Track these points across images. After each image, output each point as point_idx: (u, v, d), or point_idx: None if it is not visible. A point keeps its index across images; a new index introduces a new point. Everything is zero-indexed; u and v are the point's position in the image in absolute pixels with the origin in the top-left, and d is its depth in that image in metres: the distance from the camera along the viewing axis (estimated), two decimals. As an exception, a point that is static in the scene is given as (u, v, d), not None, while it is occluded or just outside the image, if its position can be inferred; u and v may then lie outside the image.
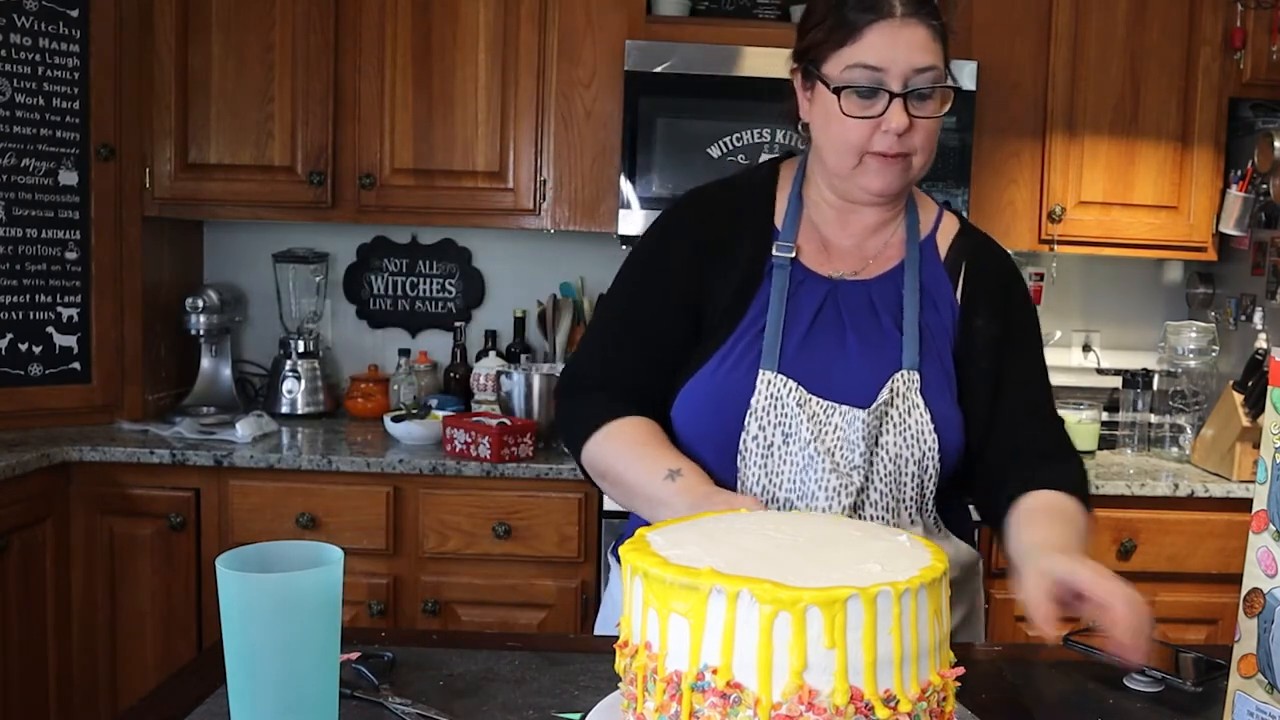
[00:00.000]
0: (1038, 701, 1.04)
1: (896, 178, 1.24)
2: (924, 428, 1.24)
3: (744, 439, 1.22)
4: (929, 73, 1.19)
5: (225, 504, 2.41)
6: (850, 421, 1.21)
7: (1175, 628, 2.43)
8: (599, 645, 1.14)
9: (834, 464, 1.21)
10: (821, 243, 1.31)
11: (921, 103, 1.20)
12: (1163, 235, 2.77)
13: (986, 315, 1.31)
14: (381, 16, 2.65)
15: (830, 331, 1.26)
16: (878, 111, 1.19)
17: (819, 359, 1.24)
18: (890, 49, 1.17)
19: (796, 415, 1.21)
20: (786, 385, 1.22)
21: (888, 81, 1.18)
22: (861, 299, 1.28)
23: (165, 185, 2.68)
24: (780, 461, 1.22)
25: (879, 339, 1.26)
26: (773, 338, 1.24)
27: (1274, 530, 0.86)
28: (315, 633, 0.82)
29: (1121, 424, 2.80)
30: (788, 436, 1.22)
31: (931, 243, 1.34)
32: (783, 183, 1.36)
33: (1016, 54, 2.71)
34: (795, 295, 1.27)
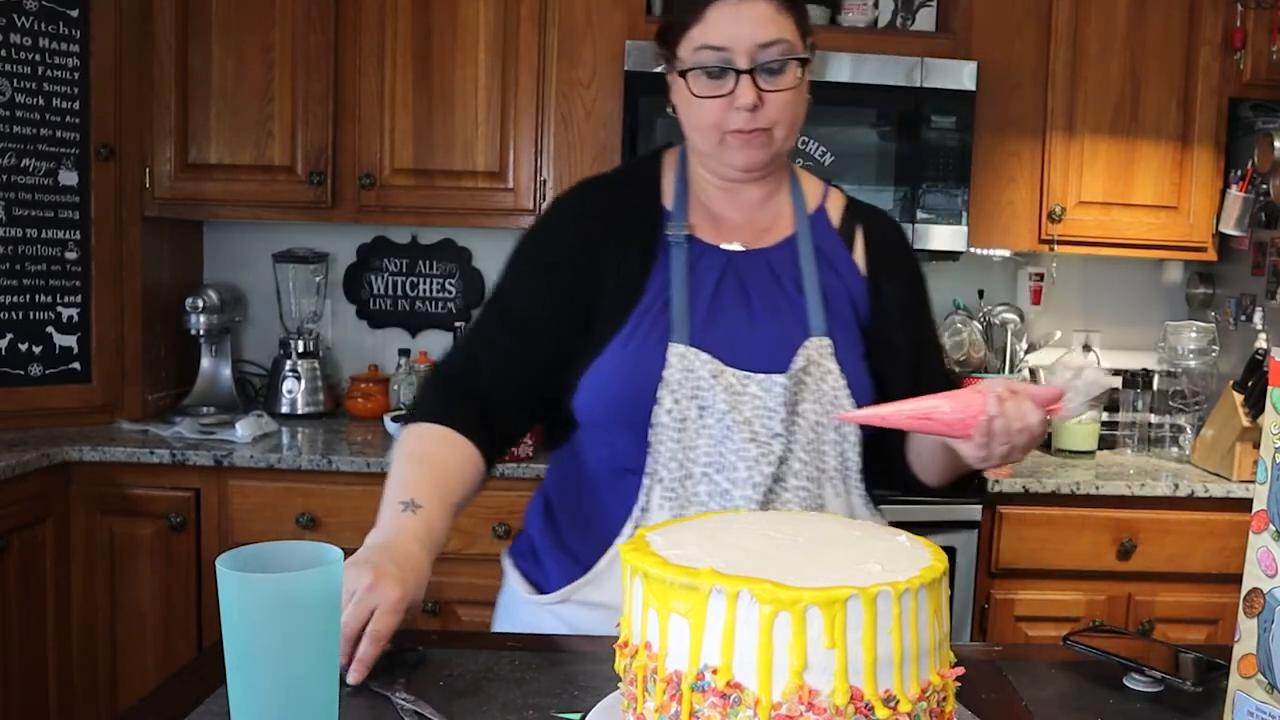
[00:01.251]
0: (1038, 701, 1.04)
1: (759, 152, 1.24)
2: (840, 393, 1.24)
3: (657, 413, 1.20)
4: (775, 46, 1.19)
5: (225, 504, 2.41)
6: (769, 389, 1.21)
7: (1175, 628, 2.44)
8: (599, 645, 1.14)
9: (752, 433, 1.20)
10: (713, 218, 1.31)
11: (773, 77, 1.20)
12: (1163, 235, 2.78)
13: (892, 280, 1.33)
14: (381, 16, 2.65)
15: (735, 301, 1.26)
16: (727, 90, 1.19)
17: (727, 329, 1.24)
18: (733, 26, 1.18)
19: (712, 386, 1.20)
20: (699, 357, 1.20)
21: (734, 59, 1.18)
22: (761, 267, 1.28)
23: (165, 185, 2.68)
24: (695, 435, 1.21)
25: (785, 305, 1.27)
26: (680, 311, 1.22)
27: (1274, 530, 0.86)
28: (315, 633, 0.82)
29: (1121, 424, 2.80)
30: (703, 409, 1.20)
31: (822, 213, 1.35)
32: (666, 168, 1.36)
33: (1016, 54, 2.71)
34: (695, 269, 1.26)
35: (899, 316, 1.31)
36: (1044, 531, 2.43)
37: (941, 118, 2.62)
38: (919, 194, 2.64)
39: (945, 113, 2.62)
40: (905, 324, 1.32)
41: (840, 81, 2.61)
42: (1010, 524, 2.42)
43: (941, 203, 2.64)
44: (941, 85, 2.61)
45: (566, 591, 1.27)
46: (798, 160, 2.62)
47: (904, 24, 2.89)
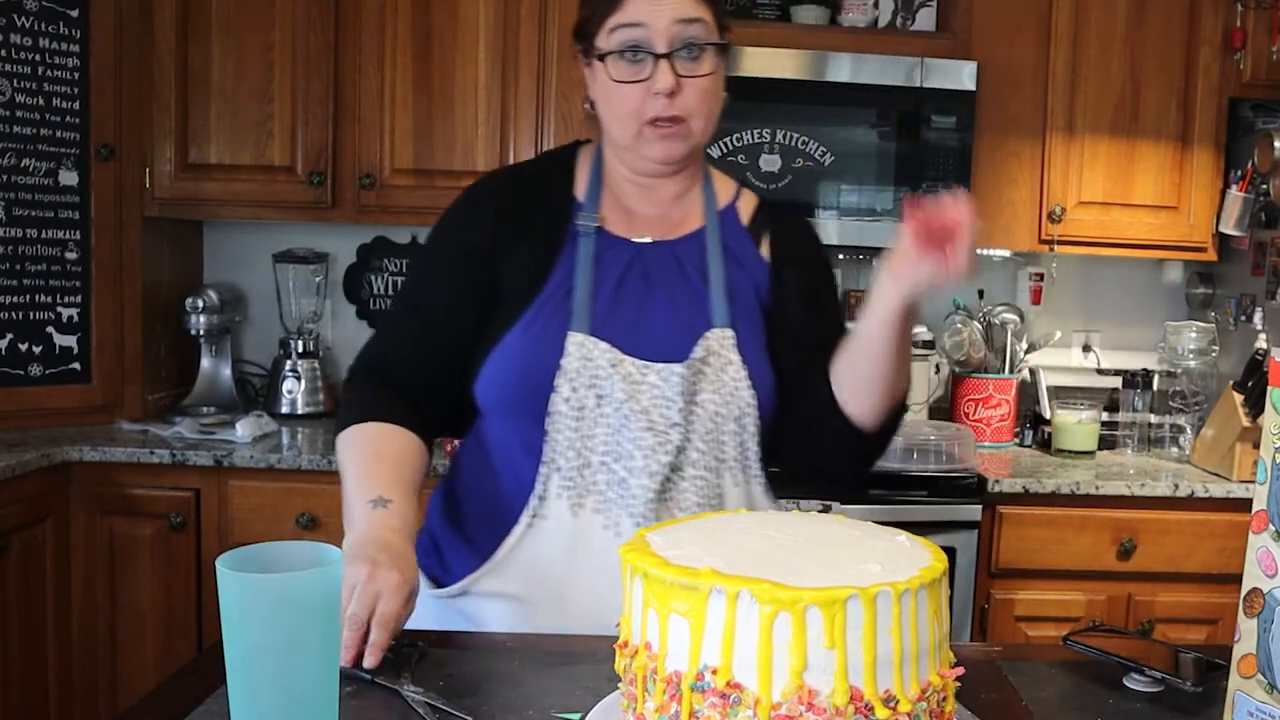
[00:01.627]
0: (1038, 701, 1.04)
1: (677, 145, 1.24)
2: (740, 384, 1.24)
3: (554, 401, 1.20)
4: (695, 25, 1.19)
5: (225, 504, 2.41)
6: (666, 378, 1.21)
7: (1175, 628, 2.44)
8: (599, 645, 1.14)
9: (650, 423, 1.20)
10: (626, 212, 1.31)
11: (691, 63, 1.20)
12: (1163, 235, 2.78)
13: (795, 268, 1.33)
14: (381, 16, 2.66)
15: (638, 292, 1.26)
16: (645, 75, 1.19)
17: (628, 319, 1.24)
18: (652, 5, 1.18)
19: (610, 375, 1.20)
20: (598, 346, 1.21)
21: (652, 40, 1.19)
22: (668, 259, 1.29)
23: (165, 185, 2.68)
24: (593, 424, 1.21)
25: (688, 297, 1.27)
26: (582, 300, 1.23)
27: (1274, 530, 0.86)
28: (315, 633, 0.82)
29: (1121, 424, 2.80)
30: (601, 398, 1.21)
31: (732, 210, 1.36)
32: (581, 161, 1.36)
33: (1016, 54, 2.71)
34: (601, 260, 1.26)
35: (799, 301, 1.32)
36: (1044, 531, 2.43)
37: (941, 118, 2.62)
38: (919, 195, 2.64)
39: (945, 113, 2.62)
40: (805, 309, 1.32)
41: (840, 81, 2.62)
42: (1010, 524, 2.42)
43: (941, 203, 2.64)
44: (941, 85, 2.61)
45: (466, 583, 1.27)
46: (797, 160, 2.63)
47: (904, 24, 2.89)
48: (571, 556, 1.22)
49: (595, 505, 1.21)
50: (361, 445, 1.24)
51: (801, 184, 2.63)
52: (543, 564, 1.23)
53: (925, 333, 2.92)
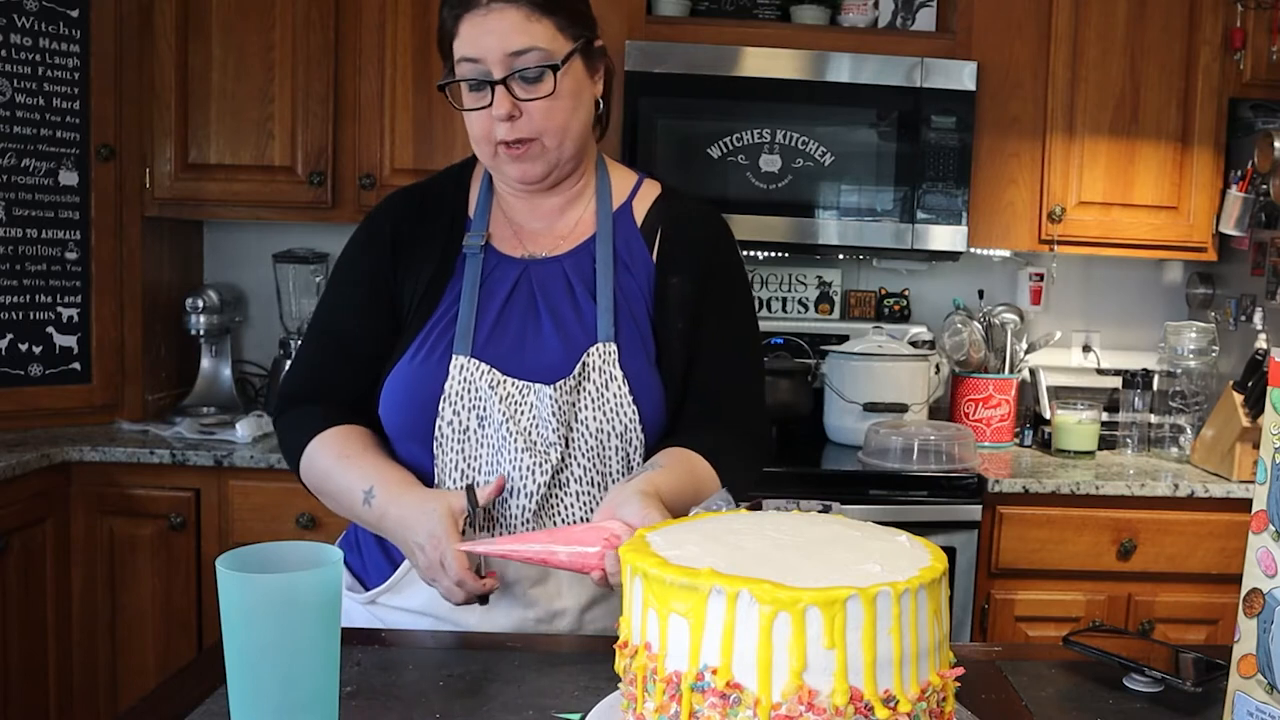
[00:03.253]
0: (1038, 701, 1.04)
1: (532, 165, 1.24)
2: (623, 400, 1.23)
3: (439, 425, 1.22)
4: (529, 54, 1.18)
5: (225, 504, 2.41)
6: (542, 399, 1.22)
7: (1175, 628, 2.44)
8: (599, 645, 1.14)
9: (529, 443, 1.21)
10: (513, 227, 1.32)
11: (530, 85, 1.19)
12: (1163, 235, 2.78)
13: (682, 274, 1.29)
14: (381, 16, 2.66)
15: (523, 311, 1.26)
16: (488, 101, 1.20)
17: (511, 340, 1.24)
18: (482, 38, 1.18)
19: (489, 397, 1.21)
20: (479, 368, 1.22)
21: (489, 70, 1.18)
22: (555, 275, 1.28)
23: (165, 185, 2.68)
24: (477, 445, 1.22)
25: (573, 314, 1.26)
26: (465, 323, 1.24)
27: (1274, 530, 0.86)
28: (315, 633, 0.82)
29: (1121, 424, 2.80)
30: (482, 419, 1.22)
31: (627, 210, 1.33)
32: (475, 177, 1.36)
33: (1016, 54, 2.71)
34: (488, 281, 1.27)
35: (683, 311, 1.28)
36: (1044, 531, 2.43)
37: (941, 118, 2.62)
38: (919, 194, 2.64)
39: (945, 113, 2.62)
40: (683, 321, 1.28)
41: (840, 81, 2.62)
42: (1010, 524, 2.42)
43: (941, 203, 2.65)
44: (941, 85, 2.61)
45: (374, 594, 1.29)
46: (797, 160, 2.63)
47: (904, 24, 2.89)
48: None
49: (482, 525, 1.23)
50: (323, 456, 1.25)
51: (801, 184, 2.63)
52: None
53: (925, 333, 2.92)
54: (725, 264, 1.33)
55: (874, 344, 2.70)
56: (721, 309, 1.31)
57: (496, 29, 1.17)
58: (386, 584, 1.28)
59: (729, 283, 1.33)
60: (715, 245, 1.34)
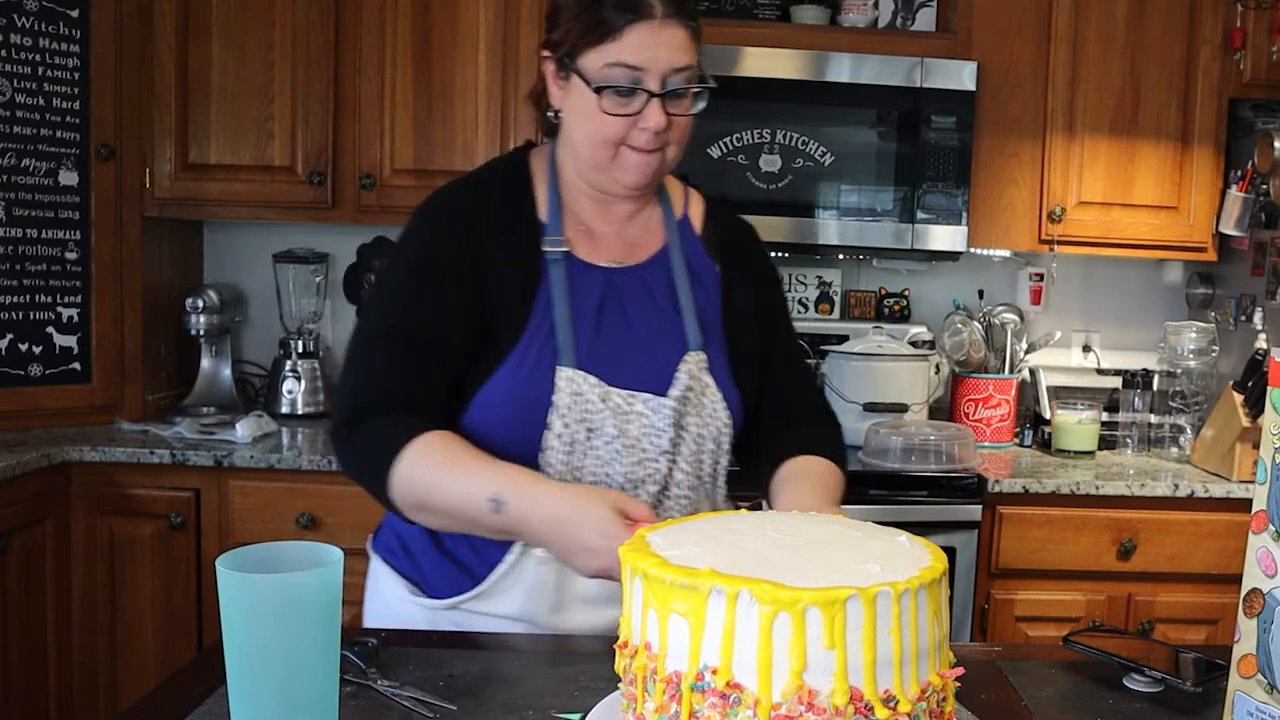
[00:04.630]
0: (1038, 701, 1.04)
1: (651, 172, 1.26)
2: (718, 406, 1.28)
3: (547, 437, 1.21)
4: (685, 72, 1.21)
5: (225, 504, 2.41)
6: (656, 409, 1.24)
7: (1175, 628, 2.44)
8: (599, 645, 1.14)
9: (640, 454, 1.23)
10: (586, 232, 1.31)
11: (677, 101, 1.22)
12: (1163, 235, 2.78)
13: (743, 286, 1.36)
14: (381, 16, 2.65)
15: (617, 322, 1.27)
16: (635, 109, 1.21)
17: (612, 350, 1.25)
18: (651, 49, 1.19)
19: (600, 410, 1.22)
20: (587, 380, 1.22)
21: (646, 81, 1.20)
22: (637, 285, 1.30)
23: (165, 185, 2.68)
24: (584, 456, 1.22)
25: (662, 324, 1.29)
26: (565, 334, 1.23)
27: (1274, 530, 0.86)
28: (315, 633, 0.82)
29: (1121, 424, 2.80)
30: (591, 431, 1.22)
31: (686, 220, 1.37)
32: (537, 172, 1.33)
33: (1016, 54, 2.71)
34: (574, 289, 1.26)
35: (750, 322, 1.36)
36: (1044, 531, 2.43)
37: (941, 118, 2.62)
38: (919, 194, 2.64)
39: (945, 113, 2.62)
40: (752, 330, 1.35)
41: (840, 81, 2.62)
42: (1010, 524, 2.42)
43: (941, 203, 2.64)
44: (941, 85, 2.61)
45: (456, 601, 1.26)
46: (797, 160, 2.63)
47: (904, 24, 2.89)
48: (560, 584, 1.23)
49: None
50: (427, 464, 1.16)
51: (801, 184, 2.63)
52: (534, 592, 1.23)
53: (925, 333, 2.92)
54: (770, 270, 1.44)
55: (874, 344, 2.70)
56: (779, 315, 1.42)
57: (667, 43, 1.19)
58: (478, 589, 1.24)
59: (780, 290, 1.45)
60: (764, 255, 1.44)
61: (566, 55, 1.23)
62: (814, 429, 1.36)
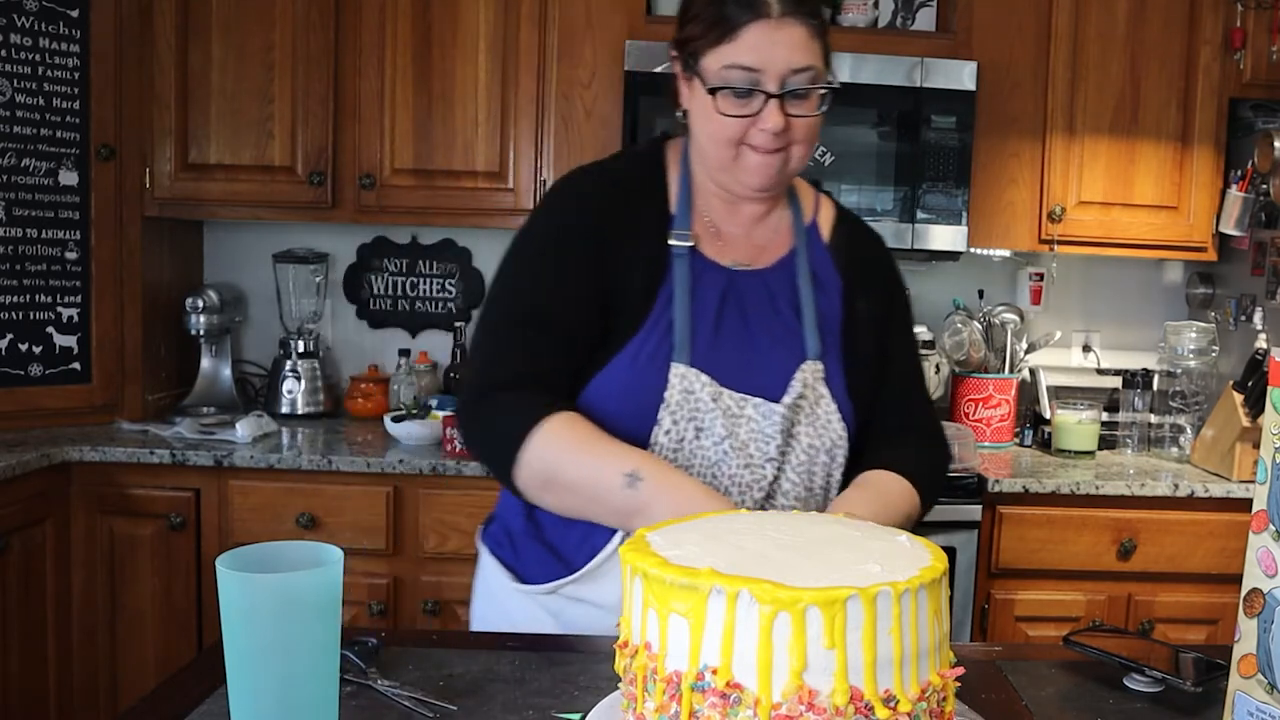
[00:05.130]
0: (1038, 701, 1.04)
1: (774, 173, 1.23)
2: (832, 417, 1.26)
3: (656, 433, 1.20)
4: (806, 73, 1.18)
5: (225, 504, 2.41)
6: (766, 415, 1.22)
7: (1175, 628, 2.44)
8: (599, 645, 1.14)
9: (748, 458, 1.21)
10: (714, 230, 1.30)
11: (799, 101, 1.19)
12: (1163, 235, 2.78)
13: (867, 297, 1.33)
14: (381, 16, 2.66)
15: (736, 323, 1.26)
16: (753, 110, 1.18)
17: (729, 352, 1.24)
18: (768, 49, 1.16)
19: (710, 410, 1.20)
20: (700, 379, 1.20)
21: (764, 82, 1.17)
22: (760, 289, 1.28)
23: (165, 185, 2.68)
24: (690, 456, 1.21)
25: (782, 330, 1.27)
26: (683, 330, 1.22)
27: (1274, 530, 0.86)
28: (315, 633, 0.82)
29: (1121, 424, 2.80)
30: (700, 431, 1.20)
31: (815, 227, 1.35)
32: (671, 165, 1.32)
33: (1016, 54, 2.71)
34: (697, 286, 1.25)
35: (871, 333, 1.33)
36: (1044, 531, 2.43)
37: (941, 118, 2.62)
38: (919, 194, 2.64)
39: (945, 113, 2.62)
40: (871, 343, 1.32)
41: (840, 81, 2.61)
42: (1010, 524, 2.42)
43: (941, 203, 2.64)
44: (941, 85, 2.61)
45: (554, 585, 1.27)
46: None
47: (904, 24, 2.89)
48: None
49: None
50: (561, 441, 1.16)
51: (801, 184, 2.63)
52: None
53: (925, 333, 2.92)
54: (902, 286, 1.40)
55: (874, 344, 2.69)
56: (903, 329, 1.39)
57: (785, 42, 1.16)
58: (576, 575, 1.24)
59: (906, 304, 1.40)
60: (893, 267, 1.40)
61: (690, 56, 1.22)
62: (909, 449, 1.31)
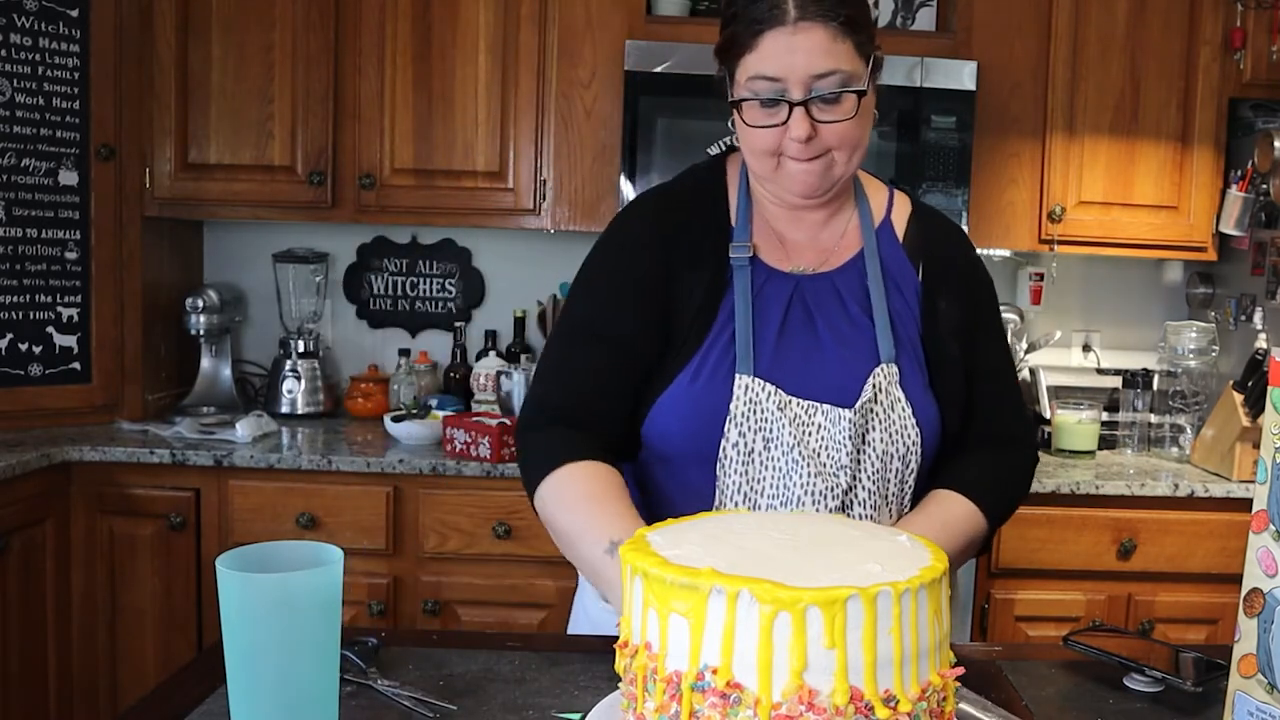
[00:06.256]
0: (1038, 701, 1.04)
1: (817, 180, 1.20)
2: (907, 422, 1.22)
3: (724, 446, 1.18)
4: (831, 77, 1.14)
5: (225, 504, 2.41)
6: (835, 421, 1.19)
7: (1175, 628, 2.44)
8: (599, 645, 1.14)
9: (819, 466, 1.19)
10: (778, 239, 1.28)
11: (829, 106, 1.15)
12: (1163, 235, 2.78)
13: (949, 297, 1.28)
14: (381, 16, 2.66)
15: (802, 329, 1.23)
16: (781, 120, 1.15)
17: (795, 359, 1.21)
18: (787, 57, 1.13)
19: (778, 419, 1.18)
20: (765, 389, 1.18)
21: (788, 91, 1.14)
22: (828, 292, 1.25)
23: (165, 185, 2.68)
24: (761, 467, 1.19)
25: (852, 333, 1.24)
26: (744, 341, 1.20)
27: (1274, 530, 0.86)
28: (315, 632, 0.82)
29: (1121, 424, 2.80)
30: (769, 441, 1.18)
31: (888, 225, 1.31)
32: (731, 178, 1.31)
33: (1016, 54, 2.71)
34: (760, 295, 1.23)
35: (956, 335, 1.28)
36: (1044, 531, 2.43)
37: (941, 118, 2.62)
38: (919, 194, 2.64)
39: (945, 113, 2.62)
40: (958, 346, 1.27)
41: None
42: (1010, 524, 2.40)
43: (941, 203, 2.64)
44: (941, 85, 2.61)
45: None
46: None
47: (904, 24, 2.89)
48: None
49: None
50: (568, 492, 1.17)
51: (801, 184, 2.63)
52: None
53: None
54: (986, 283, 1.34)
55: (874, 344, 2.70)
56: (990, 329, 1.33)
57: (803, 48, 1.13)
58: None
59: (991, 302, 1.35)
60: (975, 265, 1.34)
61: (725, 67, 1.21)
62: (986, 460, 1.28)
